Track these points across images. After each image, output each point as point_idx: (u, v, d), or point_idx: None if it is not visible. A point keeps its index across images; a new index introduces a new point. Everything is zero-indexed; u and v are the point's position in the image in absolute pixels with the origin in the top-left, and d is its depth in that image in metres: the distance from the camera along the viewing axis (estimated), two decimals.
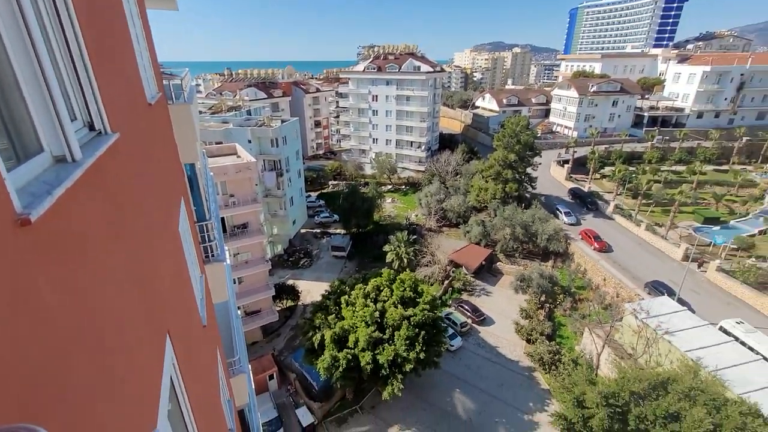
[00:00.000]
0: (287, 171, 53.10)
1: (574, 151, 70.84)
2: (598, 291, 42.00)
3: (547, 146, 79.32)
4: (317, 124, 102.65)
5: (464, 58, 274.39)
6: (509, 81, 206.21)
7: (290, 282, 45.98)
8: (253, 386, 16.54)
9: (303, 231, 61.17)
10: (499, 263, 49.48)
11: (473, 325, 39.78)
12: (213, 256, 8.77)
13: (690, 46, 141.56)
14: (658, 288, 38.33)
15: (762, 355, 28.10)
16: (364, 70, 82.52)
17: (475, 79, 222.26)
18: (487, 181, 57.19)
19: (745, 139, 72.02)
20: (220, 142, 45.78)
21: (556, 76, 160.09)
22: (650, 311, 29.98)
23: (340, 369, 27.57)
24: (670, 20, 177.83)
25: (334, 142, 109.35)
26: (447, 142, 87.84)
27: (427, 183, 66.33)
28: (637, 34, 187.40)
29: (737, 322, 32.03)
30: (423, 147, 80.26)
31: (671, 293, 36.59)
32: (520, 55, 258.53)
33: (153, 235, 4.05)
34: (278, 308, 42.55)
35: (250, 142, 49.22)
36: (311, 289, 46.36)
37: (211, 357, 6.72)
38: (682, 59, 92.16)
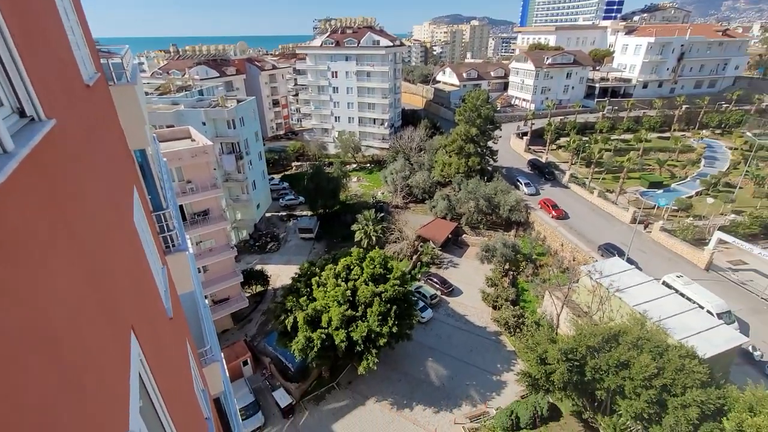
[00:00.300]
0: (247, 153, 51.13)
1: (532, 124, 72.97)
2: (556, 256, 44.52)
3: (506, 119, 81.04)
4: (275, 103, 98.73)
5: (423, 32, 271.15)
6: (468, 54, 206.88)
7: (258, 267, 45.16)
8: (228, 373, 16.38)
9: (268, 215, 59.76)
10: (464, 235, 50.98)
11: (442, 296, 41.17)
12: (174, 246, 8.38)
13: (636, 18, 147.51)
14: (609, 250, 41.16)
15: (698, 304, 31.26)
16: (321, 45, 79.59)
17: (435, 53, 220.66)
18: (450, 156, 57.96)
19: (684, 107, 77.06)
20: (172, 126, 43.12)
21: (513, 49, 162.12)
22: (603, 272, 32.27)
23: (315, 349, 27.83)
24: None
25: (295, 121, 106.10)
26: (410, 118, 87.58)
27: (391, 160, 66.27)
28: (588, 6, 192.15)
29: (677, 276, 35.24)
30: (386, 124, 79.60)
31: (621, 254, 39.47)
32: (478, 28, 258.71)
33: (105, 229, 3.79)
34: (248, 294, 41.86)
35: (204, 124, 46.67)
36: (281, 273, 45.85)
37: (180, 349, 6.53)
38: (629, 31, 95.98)
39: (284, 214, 60.85)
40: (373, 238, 47.15)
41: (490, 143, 57.88)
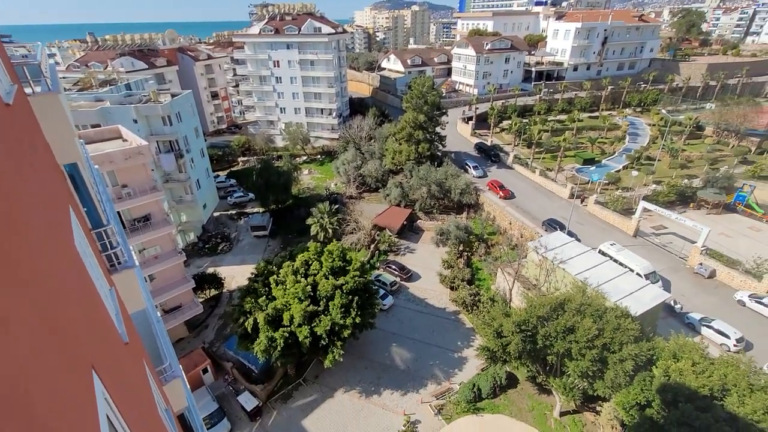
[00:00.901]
0: (187, 151, 48.09)
1: (476, 108, 75.50)
2: (506, 234, 47.15)
3: (452, 104, 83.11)
4: (214, 95, 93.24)
5: (365, 18, 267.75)
6: (411, 40, 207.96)
7: (211, 270, 43.24)
8: (188, 385, 15.77)
9: (217, 214, 57.03)
10: (419, 221, 52.22)
11: (402, 282, 42.12)
12: (119, 263, 7.85)
13: (564, 4, 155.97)
14: (552, 225, 44.31)
15: (628, 268, 34.80)
16: (260, 33, 75.97)
17: (378, 39, 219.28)
18: (400, 144, 58.58)
19: (609, 88, 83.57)
20: (98, 125, 39.39)
21: (454, 35, 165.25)
22: (548, 246, 34.77)
23: (278, 348, 27.46)
24: None
25: (237, 114, 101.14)
26: (358, 106, 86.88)
27: (342, 150, 65.67)
28: None
29: (611, 245, 38.88)
30: (334, 113, 78.40)
31: (563, 228, 42.68)
32: (419, 13, 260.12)
33: (46, 262, 3.53)
34: (201, 299, 40.04)
35: (136, 122, 43.10)
36: (235, 274, 44.29)
37: (140, 373, 6.23)
38: (559, 16, 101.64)
39: (234, 212, 58.40)
40: (330, 231, 46.86)
41: (438, 129, 59.18)
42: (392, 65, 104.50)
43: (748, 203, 46.20)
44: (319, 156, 76.06)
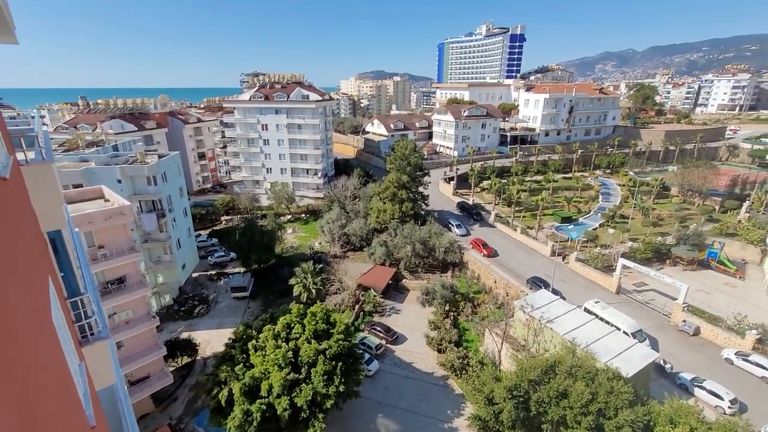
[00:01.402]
0: (170, 211, 47.78)
1: (457, 169, 79.04)
2: (491, 293, 46.94)
3: (434, 165, 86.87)
4: (201, 156, 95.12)
5: (350, 86, 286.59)
6: (394, 107, 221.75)
7: (185, 335, 40.81)
8: None
9: (195, 275, 55.26)
10: (404, 280, 51.72)
11: (388, 345, 40.52)
12: (92, 334, 7.45)
13: (532, 78, 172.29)
14: (537, 283, 44.55)
15: (615, 326, 34.69)
16: (250, 99, 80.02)
17: (362, 105, 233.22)
18: (384, 203, 59.86)
19: (579, 151, 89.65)
20: (80, 185, 39.20)
21: (433, 103, 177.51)
22: (534, 304, 34.66)
23: (255, 424, 25.28)
24: (516, 57, 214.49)
25: (223, 174, 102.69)
26: (343, 167, 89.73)
27: (327, 209, 66.45)
28: (493, 67, 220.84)
29: (595, 302, 39.05)
30: (319, 173, 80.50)
31: (547, 285, 42.93)
32: (400, 83, 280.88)
33: (17, 342, 3.40)
34: (172, 368, 37.30)
35: (120, 182, 43.17)
36: (212, 339, 41.93)
37: None
38: (528, 88, 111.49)
39: (214, 272, 56.79)
40: (313, 291, 45.74)
41: (421, 189, 61.14)
42: (376, 129, 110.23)
43: (720, 259, 47.99)
44: (303, 215, 76.51)
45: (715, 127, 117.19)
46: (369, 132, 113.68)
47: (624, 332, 34.29)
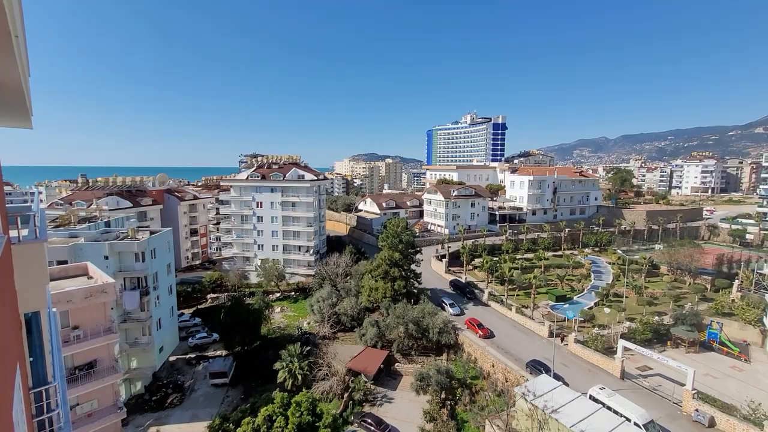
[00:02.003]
0: (155, 288, 46.33)
1: (449, 247, 79.75)
2: (489, 378, 44.11)
3: (425, 243, 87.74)
4: (194, 232, 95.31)
5: (344, 167, 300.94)
6: (386, 186, 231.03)
7: (153, 430, 36.65)
8: None
9: (173, 359, 51.57)
10: (397, 364, 48.74)
11: None
12: (52, 431, 6.66)
13: (516, 161, 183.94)
14: (536, 367, 42.24)
15: (625, 417, 32.20)
16: (247, 178, 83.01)
17: (355, 184, 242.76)
18: (376, 281, 58.97)
19: (567, 230, 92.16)
20: (65, 262, 38.37)
21: (424, 183, 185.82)
22: (535, 392, 32.44)
23: None
24: (499, 142, 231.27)
25: (214, 250, 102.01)
26: (335, 244, 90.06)
27: (317, 287, 64.99)
28: (479, 151, 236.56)
29: (600, 389, 36.72)
30: (311, 251, 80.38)
31: (548, 370, 40.66)
32: (392, 164, 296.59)
33: None
34: None
35: (107, 258, 42.43)
36: None
37: None
38: (513, 170, 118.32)
39: (193, 356, 53.12)
40: (299, 377, 42.60)
41: (413, 266, 60.85)
42: (368, 207, 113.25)
43: (722, 340, 46.72)
44: (293, 293, 74.50)
45: (693, 207, 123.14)
46: (361, 210, 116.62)
47: (635, 423, 31.76)
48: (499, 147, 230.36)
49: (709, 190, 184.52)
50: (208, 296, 73.22)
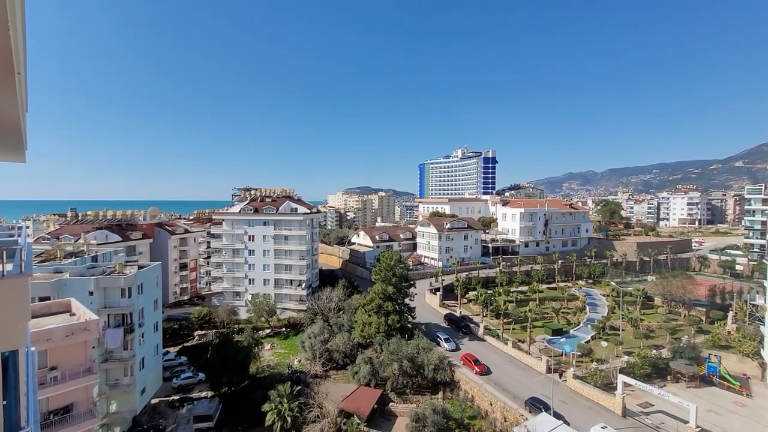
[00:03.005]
0: (140, 326, 44.73)
1: (442, 280, 79.17)
2: (488, 418, 42.41)
3: (419, 276, 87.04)
4: (183, 266, 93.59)
5: (337, 200, 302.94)
6: (379, 219, 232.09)
7: None
8: None
9: (155, 401, 48.98)
10: (391, 404, 46.77)
11: None
12: None
13: (507, 194, 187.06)
14: (536, 405, 40.83)
15: None
16: (240, 212, 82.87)
17: (348, 217, 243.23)
18: (370, 315, 57.78)
19: (560, 261, 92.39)
20: (48, 298, 37.13)
21: (416, 216, 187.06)
22: None
23: None
24: (490, 176, 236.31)
25: (203, 285, 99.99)
26: (327, 278, 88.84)
27: (309, 323, 63.42)
28: (470, 184, 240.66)
29: (602, 428, 35.45)
30: (304, 285, 79.10)
31: (547, 408, 39.30)
32: (385, 198, 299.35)
33: None
34: None
35: (92, 293, 41.21)
36: None
37: None
38: (504, 203, 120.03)
39: (177, 398, 50.58)
40: (289, 420, 40.56)
41: (407, 300, 59.96)
42: (362, 240, 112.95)
43: (722, 375, 45.95)
44: (284, 329, 72.46)
45: (682, 239, 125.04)
46: (354, 243, 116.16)
47: None
48: (489, 180, 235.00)
49: (696, 222, 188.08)
50: (196, 333, 70.83)
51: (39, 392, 25.29)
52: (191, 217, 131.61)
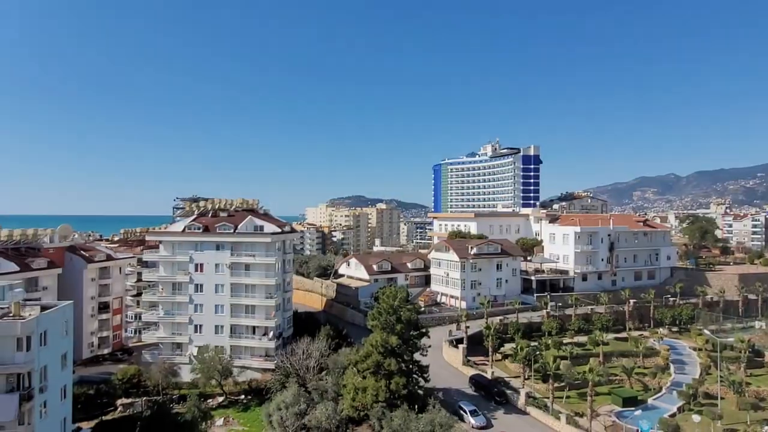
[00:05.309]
0: (41, 391, 44.35)
1: (467, 327, 78.68)
2: None
3: (434, 322, 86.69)
4: (104, 306, 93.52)
5: (319, 215, 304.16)
6: (377, 241, 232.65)
7: None
8: None
9: None
10: None
11: None
12: None
13: (556, 206, 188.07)
14: None
15: None
16: (184, 231, 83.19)
17: (335, 239, 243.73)
18: (365, 377, 57.31)
19: (632, 301, 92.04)
20: None
21: (430, 237, 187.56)
22: None
23: None
24: (532, 181, 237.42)
25: (131, 333, 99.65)
26: (305, 323, 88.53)
27: (279, 388, 62.87)
28: (505, 193, 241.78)
29: None
30: (271, 333, 78.81)
31: None
32: (386, 211, 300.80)
33: None
34: None
35: None
36: None
37: None
38: (552, 219, 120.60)
39: None
40: None
41: (417, 355, 59.56)
42: (353, 271, 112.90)
43: None
44: (243, 396, 71.88)
45: None
46: (343, 275, 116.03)
47: None
48: (531, 187, 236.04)
49: None
50: (119, 402, 70.29)
51: None
52: (116, 239, 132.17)
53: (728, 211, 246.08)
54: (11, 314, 44.76)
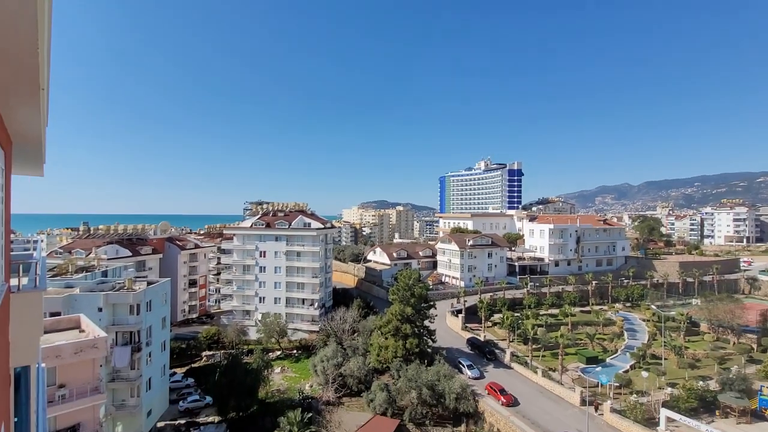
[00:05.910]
0: (148, 344, 45.62)
1: (465, 301, 77.87)
2: None
3: (439, 297, 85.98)
4: (192, 283, 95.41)
5: (352, 215, 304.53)
6: (396, 235, 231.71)
7: None
8: None
9: (161, 424, 49.42)
10: None
11: None
12: None
13: (534, 209, 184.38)
14: None
15: None
16: (251, 227, 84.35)
17: (364, 233, 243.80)
18: (387, 338, 57.25)
19: (594, 282, 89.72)
20: (58, 313, 38.38)
21: (437, 232, 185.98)
22: None
23: None
24: (515, 189, 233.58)
25: (212, 303, 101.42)
26: (342, 297, 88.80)
27: (322, 345, 63.21)
28: (494, 198, 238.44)
29: None
30: (316, 304, 79.24)
31: None
32: (403, 212, 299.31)
33: None
34: None
35: (101, 310, 42.42)
36: None
37: None
38: (531, 218, 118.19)
39: (183, 422, 50.85)
40: None
41: (426, 322, 59.21)
42: (378, 258, 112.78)
43: None
44: (295, 351, 72.43)
45: (729, 258, 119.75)
46: (370, 260, 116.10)
47: None
48: (515, 194, 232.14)
49: (744, 240, 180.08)
50: (204, 354, 71.56)
51: (48, 410, 25.95)
52: (202, 232, 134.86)
53: (671, 212, 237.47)
54: (126, 287, 46.15)
